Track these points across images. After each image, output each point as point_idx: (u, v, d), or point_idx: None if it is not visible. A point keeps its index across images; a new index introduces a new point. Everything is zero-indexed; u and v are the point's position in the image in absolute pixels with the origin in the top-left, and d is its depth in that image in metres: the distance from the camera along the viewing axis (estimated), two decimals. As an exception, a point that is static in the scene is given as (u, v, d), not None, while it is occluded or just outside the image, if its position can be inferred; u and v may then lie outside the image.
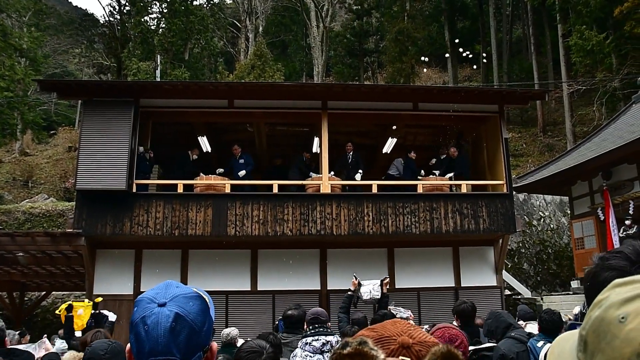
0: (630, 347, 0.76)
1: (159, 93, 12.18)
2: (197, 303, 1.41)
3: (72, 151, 28.99)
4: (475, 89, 15.98)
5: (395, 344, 1.19)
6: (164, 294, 1.40)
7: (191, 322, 1.36)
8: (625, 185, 16.74)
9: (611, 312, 0.81)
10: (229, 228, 11.49)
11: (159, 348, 1.33)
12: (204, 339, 1.42)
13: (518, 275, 19.48)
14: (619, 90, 28.26)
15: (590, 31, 28.39)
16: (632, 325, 0.77)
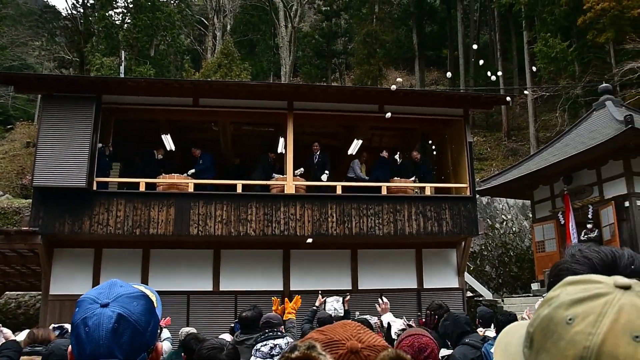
0: (574, 349, 0.76)
1: (123, 89, 11.99)
2: (142, 303, 1.39)
3: (30, 147, 28.23)
4: (441, 92, 16.19)
5: (343, 349, 1.17)
6: (107, 293, 1.38)
7: (135, 322, 1.35)
8: (585, 190, 17.17)
9: (560, 312, 0.81)
10: (192, 228, 11.39)
11: (101, 350, 1.31)
12: (149, 339, 1.40)
13: (480, 277, 19.80)
14: (581, 97, 29.05)
15: (554, 39, 29.20)
16: (579, 327, 0.77)
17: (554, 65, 29.22)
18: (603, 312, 0.77)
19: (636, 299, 0.78)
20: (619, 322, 0.75)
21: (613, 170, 16.43)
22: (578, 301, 0.80)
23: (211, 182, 12.33)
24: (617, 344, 0.74)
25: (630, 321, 0.75)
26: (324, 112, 12.94)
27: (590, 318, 0.77)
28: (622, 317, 0.76)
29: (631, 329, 0.74)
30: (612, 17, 26.38)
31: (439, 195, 13.04)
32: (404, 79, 41.70)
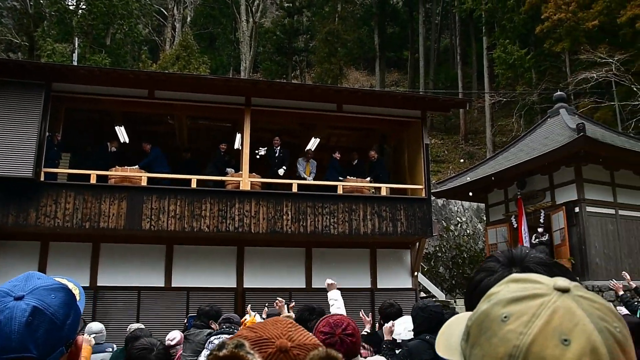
0: (505, 347, 0.78)
1: (75, 78, 11.61)
2: (60, 295, 1.35)
3: None
4: (399, 93, 16.38)
5: (272, 347, 1.14)
6: (23, 286, 1.34)
7: (51, 315, 1.30)
8: (537, 195, 17.70)
9: (496, 310, 0.82)
10: (144, 222, 11.19)
11: (12, 345, 1.26)
12: (67, 333, 1.36)
13: (434, 278, 20.10)
14: (537, 104, 29.92)
15: (513, 46, 30.06)
16: (512, 326, 0.79)
17: (511, 72, 30.00)
18: (537, 313, 0.78)
19: (571, 303, 0.79)
20: (550, 325, 0.77)
21: (565, 176, 16.96)
22: (515, 300, 0.81)
23: (165, 176, 12.12)
24: (546, 345, 0.75)
25: (561, 324, 0.76)
26: (282, 109, 12.90)
27: (524, 318, 0.78)
28: (555, 319, 0.77)
29: (561, 331, 0.76)
30: (568, 28, 27.22)
31: (395, 196, 13.17)
32: (364, 79, 42.08)
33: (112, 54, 30.09)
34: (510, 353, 0.77)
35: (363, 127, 15.09)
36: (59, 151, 11.85)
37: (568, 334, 0.75)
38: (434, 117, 32.69)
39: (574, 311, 0.78)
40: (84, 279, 11.31)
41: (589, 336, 0.75)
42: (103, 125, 13.26)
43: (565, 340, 0.75)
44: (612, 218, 17.04)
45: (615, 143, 16.64)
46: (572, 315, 0.77)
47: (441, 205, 23.13)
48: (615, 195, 17.35)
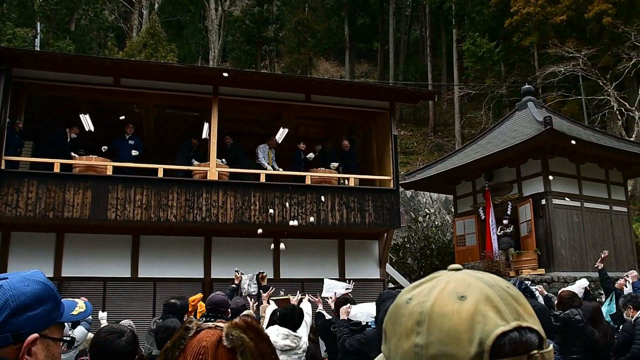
0: (412, 319, 0.84)
1: (36, 64, 11.46)
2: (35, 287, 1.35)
3: None
4: (367, 84, 16.58)
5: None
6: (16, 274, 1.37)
7: (9, 296, 1.30)
8: (505, 187, 18.23)
9: (402, 297, 0.89)
10: (110, 212, 11.19)
11: None
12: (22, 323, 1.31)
13: (402, 269, 20.39)
14: (505, 97, 30.59)
15: (482, 39, 30.54)
16: (415, 302, 0.86)
17: (480, 65, 30.45)
18: (435, 285, 0.87)
19: (464, 275, 0.88)
20: (447, 289, 0.85)
21: (532, 169, 17.47)
22: (417, 285, 0.90)
23: (131, 165, 12.10)
24: (445, 304, 0.83)
25: (456, 287, 0.85)
26: (250, 98, 12.97)
27: (425, 291, 0.87)
28: (450, 285, 0.86)
29: (457, 292, 0.84)
30: (537, 22, 27.83)
31: (363, 186, 13.35)
32: (334, 69, 42.29)
33: (76, 40, 29.56)
34: (417, 320, 0.84)
35: (331, 117, 15.23)
36: (20, 139, 11.74)
37: (463, 292, 0.83)
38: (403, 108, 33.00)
39: (466, 279, 0.87)
40: (47, 269, 11.25)
41: (481, 289, 0.84)
42: (67, 113, 13.13)
43: (462, 297, 0.83)
44: (577, 210, 17.58)
45: (581, 136, 17.11)
46: (465, 281, 0.86)
47: (410, 196, 23.45)
48: (581, 187, 17.90)
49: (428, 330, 0.83)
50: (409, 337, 0.84)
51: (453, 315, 0.82)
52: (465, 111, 33.93)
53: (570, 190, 17.55)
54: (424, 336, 0.82)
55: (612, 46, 25.76)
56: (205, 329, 1.25)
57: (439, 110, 36.93)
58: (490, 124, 26.60)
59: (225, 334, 1.22)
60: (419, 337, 0.83)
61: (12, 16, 28.86)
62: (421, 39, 46.08)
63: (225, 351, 1.21)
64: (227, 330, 1.23)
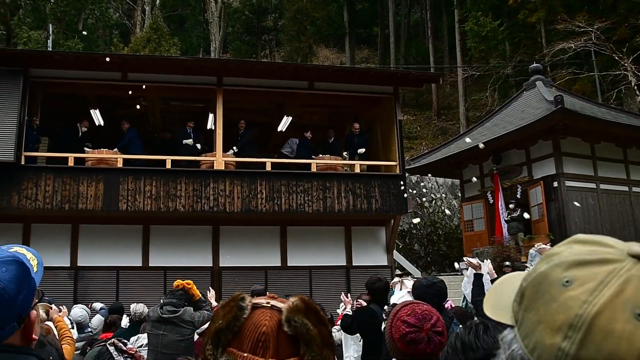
0: (565, 315, 0.74)
1: (50, 63, 12.98)
2: (12, 269, 1.39)
3: None
4: (371, 70, 17.45)
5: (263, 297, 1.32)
6: None
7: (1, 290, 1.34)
8: (514, 170, 18.62)
9: (557, 272, 0.78)
10: (121, 203, 12.43)
11: None
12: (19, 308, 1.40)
13: (409, 255, 21.22)
14: (512, 77, 30.60)
15: (485, 18, 30.54)
16: (574, 292, 0.74)
17: (484, 45, 30.64)
18: (605, 280, 0.73)
19: None
20: (622, 295, 0.71)
21: (542, 150, 17.82)
22: (580, 263, 0.77)
23: (140, 157, 13.41)
24: (615, 318, 0.70)
25: (636, 296, 0.71)
26: (253, 88, 14.02)
27: (589, 285, 0.74)
28: (628, 290, 0.71)
29: (634, 304, 0.70)
30: (544, -3, 27.71)
31: (369, 172, 14.24)
32: (334, 56, 43.35)
33: (84, 39, 31.66)
34: (571, 322, 0.73)
35: (335, 104, 16.22)
36: (38, 135, 13.22)
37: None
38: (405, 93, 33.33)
39: None
40: (64, 259, 12.67)
41: None
42: (79, 108, 14.49)
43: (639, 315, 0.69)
44: (593, 192, 17.80)
45: (595, 115, 17.41)
46: None
47: (415, 181, 24.07)
48: (596, 168, 18.11)
49: (582, 342, 0.71)
50: (554, 333, 0.74)
51: (622, 338, 0.69)
52: (469, 93, 34.32)
53: (584, 172, 17.78)
54: (574, 346, 0.72)
55: (628, 17, 25.40)
56: (260, 308, 1.21)
57: (442, 93, 37.55)
58: (496, 105, 26.56)
59: (285, 318, 1.19)
60: (566, 342, 0.73)
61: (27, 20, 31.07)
62: (422, 22, 46.65)
63: (287, 338, 1.18)
64: (288, 314, 1.20)
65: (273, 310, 1.21)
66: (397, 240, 19.17)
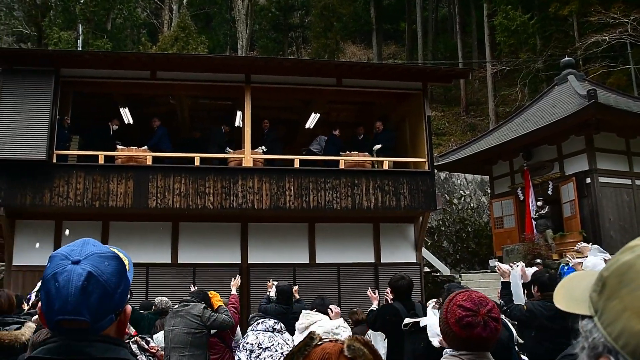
0: None
1: (80, 63, 13.25)
2: (113, 264, 1.49)
3: None
4: (399, 66, 17.44)
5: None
6: (80, 251, 1.48)
7: (104, 282, 1.44)
8: (545, 166, 18.50)
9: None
10: (150, 200, 12.62)
11: (69, 307, 1.40)
12: (118, 301, 1.49)
13: (437, 252, 21.16)
14: (542, 72, 30.22)
15: (515, 11, 30.14)
16: None
17: (514, 39, 30.31)
18: None
19: None
20: None
21: (574, 146, 17.66)
22: None
23: (169, 155, 13.63)
24: None
25: None
26: (281, 85, 14.11)
27: None
28: None
29: None
30: (577, -11, 27.16)
31: (397, 169, 14.21)
32: (361, 52, 43.37)
33: (113, 38, 32.50)
34: None
35: (363, 101, 16.26)
36: (69, 134, 13.54)
37: None
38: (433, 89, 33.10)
39: None
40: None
41: None
42: (108, 107, 14.80)
43: None
44: (627, 188, 17.60)
45: (630, 109, 17.15)
46: None
47: (444, 178, 24.01)
48: (632, 164, 17.90)
49: None
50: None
51: None
52: (498, 89, 34.09)
53: (618, 167, 17.57)
54: None
55: (668, 6, 24.75)
56: (327, 342, 1.45)
57: (470, 89, 37.34)
58: (526, 101, 26.49)
59: (347, 345, 1.43)
60: None
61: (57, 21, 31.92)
62: (450, 17, 46.43)
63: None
64: (349, 342, 1.44)
65: (337, 342, 1.46)
66: (426, 238, 19.14)
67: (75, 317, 1.40)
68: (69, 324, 1.42)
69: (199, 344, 6.40)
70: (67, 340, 1.42)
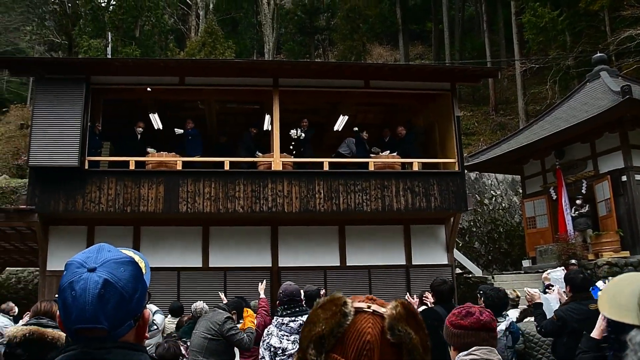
0: None
1: (110, 70, 13.43)
2: (129, 269, 1.49)
3: (25, 128, 30.22)
4: (427, 66, 17.39)
5: (362, 298, 1.31)
6: (95, 258, 1.47)
7: (121, 289, 1.43)
8: (578, 165, 18.20)
9: None
10: (181, 205, 12.70)
11: (87, 316, 1.40)
12: (135, 307, 1.49)
13: (469, 253, 20.94)
14: (573, 69, 29.71)
15: (543, 8, 29.73)
16: None
17: (543, 36, 29.93)
18: None
19: None
20: None
21: (609, 143, 17.36)
22: None
23: (199, 159, 13.70)
24: None
25: None
26: (309, 88, 14.11)
27: None
28: None
29: None
30: (608, -17, 26.59)
31: (427, 170, 14.12)
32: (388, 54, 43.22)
33: (141, 45, 32.91)
34: None
35: (391, 102, 16.18)
36: (100, 140, 13.68)
37: None
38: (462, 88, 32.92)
39: None
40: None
41: None
42: (137, 113, 14.91)
43: None
44: None
45: None
46: None
47: (474, 178, 23.67)
48: None
49: None
50: None
51: None
52: (528, 87, 33.68)
53: None
54: None
55: None
56: (362, 313, 1.23)
57: (499, 87, 36.93)
58: (556, 98, 26.09)
59: (389, 326, 1.21)
60: None
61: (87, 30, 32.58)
62: (476, 15, 45.97)
63: (390, 346, 1.20)
64: (391, 322, 1.21)
65: (375, 316, 1.23)
66: (457, 239, 18.96)
67: (94, 325, 1.40)
68: (88, 333, 1.42)
69: (215, 350, 6.37)
70: (86, 347, 1.42)
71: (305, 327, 1.29)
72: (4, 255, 15.32)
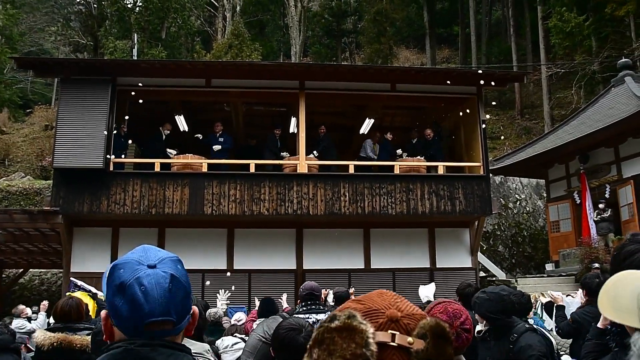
0: None
1: (136, 72, 12.75)
2: (182, 267, 1.47)
3: (49, 130, 29.58)
4: (454, 70, 16.72)
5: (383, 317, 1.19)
6: (147, 256, 1.44)
7: (184, 283, 1.43)
8: (602, 169, 17.61)
9: None
10: (206, 207, 12.12)
11: (160, 309, 1.37)
12: (191, 302, 1.48)
13: (493, 257, 20.31)
14: (598, 74, 28.98)
15: (570, 13, 28.95)
16: None
17: (569, 41, 29.15)
18: None
19: None
20: None
21: (633, 148, 16.76)
22: None
23: (224, 161, 13.04)
24: None
25: None
26: (335, 91, 13.51)
27: None
28: None
29: None
30: (634, -12, 26.10)
31: (452, 174, 13.52)
32: (414, 57, 42.32)
33: (167, 46, 32.26)
34: None
35: (417, 105, 15.52)
36: (125, 142, 13.02)
37: None
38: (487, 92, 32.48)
39: None
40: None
41: None
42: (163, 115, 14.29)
43: None
44: None
45: None
46: None
47: (499, 182, 23.21)
48: None
49: None
50: None
51: None
52: (554, 91, 32.86)
53: None
54: None
55: None
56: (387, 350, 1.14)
57: (525, 92, 36.04)
58: (582, 103, 25.44)
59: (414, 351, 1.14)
60: None
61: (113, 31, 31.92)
62: (503, 20, 44.97)
63: None
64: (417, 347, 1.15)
65: (401, 352, 1.13)
66: (481, 242, 18.34)
67: (166, 317, 1.38)
68: (156, 327, 1.38)
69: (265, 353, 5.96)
70: (131, 345, 1.38)
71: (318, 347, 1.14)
72: (27, 256, 14.81)
